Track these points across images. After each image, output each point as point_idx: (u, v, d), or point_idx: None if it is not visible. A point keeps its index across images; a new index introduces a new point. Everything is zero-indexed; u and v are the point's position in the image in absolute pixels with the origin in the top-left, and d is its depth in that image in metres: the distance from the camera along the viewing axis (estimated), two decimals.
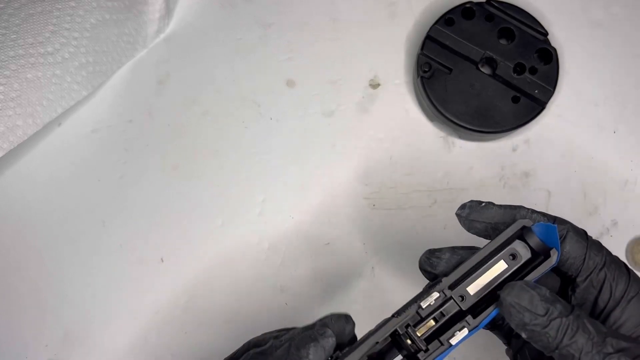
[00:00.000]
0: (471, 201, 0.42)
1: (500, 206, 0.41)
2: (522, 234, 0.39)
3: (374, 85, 0.60)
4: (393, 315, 0.40)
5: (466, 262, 0.40)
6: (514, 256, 0.39)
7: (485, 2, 0.57)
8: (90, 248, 0.58)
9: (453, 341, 0.38)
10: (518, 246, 0.39)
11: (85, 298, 0.57)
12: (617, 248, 0.57)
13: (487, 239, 0.42)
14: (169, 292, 0.57)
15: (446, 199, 0.58)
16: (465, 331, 0.38)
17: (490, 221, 0.41)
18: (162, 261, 0.57)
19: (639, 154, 0.58)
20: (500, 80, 0.56)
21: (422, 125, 0.59)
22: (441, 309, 0.39)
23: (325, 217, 0.58)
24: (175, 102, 0.60)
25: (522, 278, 0.39)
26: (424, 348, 0.38)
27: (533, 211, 0.41)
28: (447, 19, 0.57)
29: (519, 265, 0.39)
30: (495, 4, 0.57)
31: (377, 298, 0.56)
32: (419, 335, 0.39)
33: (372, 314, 0.57)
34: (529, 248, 0.39)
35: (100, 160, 0.59)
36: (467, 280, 0.39)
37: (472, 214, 0.42)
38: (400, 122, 0.59)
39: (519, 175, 0.58)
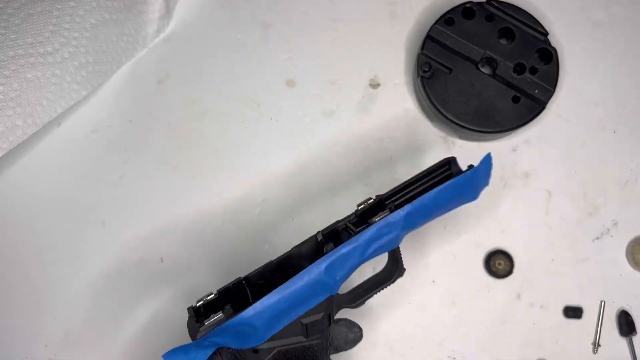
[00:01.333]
0: None
1: None
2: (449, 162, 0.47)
3: (374, 85, 0.60)
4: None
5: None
6: (430, 171, 0.47)
7: (486, 1, 0.57)
8: (90, 248, 0.58)
9: (376, 219, 0.43)
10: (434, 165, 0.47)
11: (84, 298, 0.57)
12: (618, 248, 0.57)
13: None
14: (169, 293, 0.57)
15: None
16: (387, 212, 0.44)
17: None
18: (162, 261, 0.57)
19: (639, 154, 0.58)
20: (500, 80, 0.56)
21: (422, 125, 0.59)
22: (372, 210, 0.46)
23: (325, 217, 0.58)
24: (175, 102, 0.60)
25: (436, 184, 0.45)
26: (355, 232, 0.45)
27: None
28: (447, 19, 0.57)
29: (435, 174, 0.47)
30: (496, 4, 0.57)
31: (378, 297, 0.56)
32: (355, 230, 0.45)
33: (372, 313, 0.57)
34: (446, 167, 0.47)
35: (100, 160, 0.59)
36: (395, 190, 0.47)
37: None
38: (400, 122, 0.59)
39: (519, 175, 0.58)
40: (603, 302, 0.57)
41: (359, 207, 0.46)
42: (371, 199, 0.46)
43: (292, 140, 0.59)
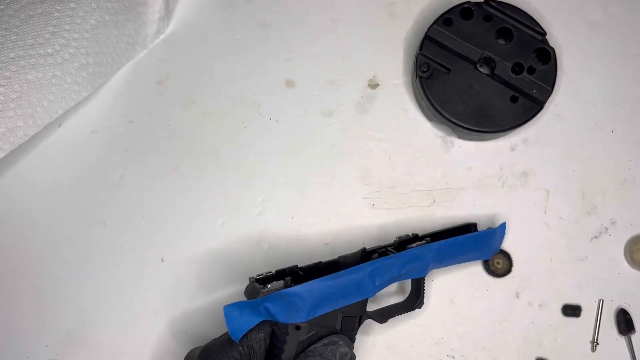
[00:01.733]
0: None
1: None
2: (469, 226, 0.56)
3: (373, 85, 0.60)
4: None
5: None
6: (456, 227, 0.56)
7: (484, 2, 0.57)
8: (90, 248, 0.58)
9: (414, 245, 0.51)
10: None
11: (85, 298, 0.57)
12: (616, 247, 0.57)
13: None
14: (169, 292, 0.57)
15: (445, 199, 0.58)
16: (424, 242, 0.52)
17: None
18: (162, 261, 0.58)
19: (637, 153, 0.59)
20: (498, 80, 0.56)
21: (421, 125, 0.60)
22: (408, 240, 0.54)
23: (324, 216, 0.58)
24: (175, 102, 0.60)
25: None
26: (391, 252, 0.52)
27: None
28: (445, 19, 0.57)
29: (458, 231, 0.56)
30: (494, 4, 0.57)
31: (377, 297, 0.56)
32: (395, 252, 0.51)
33: None
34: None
35: (100, 160, 0.59)
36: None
37: None
38: (399, 122, 0.60)
39: (517, 175, 0.59)
40: (601, 301, 0.57)
41: (398, 238, 0.54)
42: (409, 235, 0.55)
43: (292, 140, 0.59)
